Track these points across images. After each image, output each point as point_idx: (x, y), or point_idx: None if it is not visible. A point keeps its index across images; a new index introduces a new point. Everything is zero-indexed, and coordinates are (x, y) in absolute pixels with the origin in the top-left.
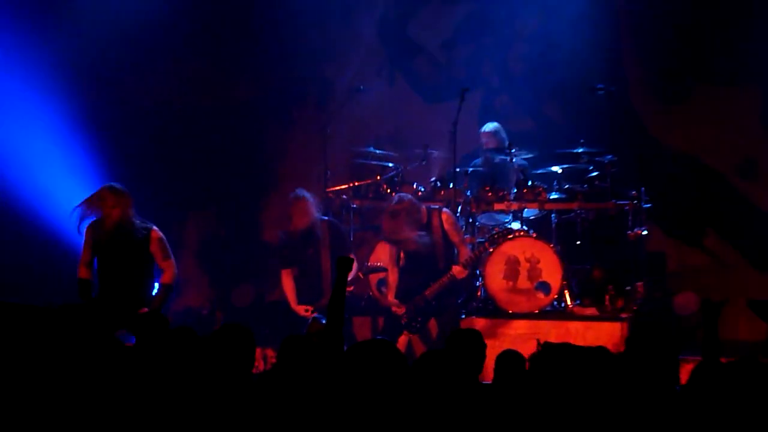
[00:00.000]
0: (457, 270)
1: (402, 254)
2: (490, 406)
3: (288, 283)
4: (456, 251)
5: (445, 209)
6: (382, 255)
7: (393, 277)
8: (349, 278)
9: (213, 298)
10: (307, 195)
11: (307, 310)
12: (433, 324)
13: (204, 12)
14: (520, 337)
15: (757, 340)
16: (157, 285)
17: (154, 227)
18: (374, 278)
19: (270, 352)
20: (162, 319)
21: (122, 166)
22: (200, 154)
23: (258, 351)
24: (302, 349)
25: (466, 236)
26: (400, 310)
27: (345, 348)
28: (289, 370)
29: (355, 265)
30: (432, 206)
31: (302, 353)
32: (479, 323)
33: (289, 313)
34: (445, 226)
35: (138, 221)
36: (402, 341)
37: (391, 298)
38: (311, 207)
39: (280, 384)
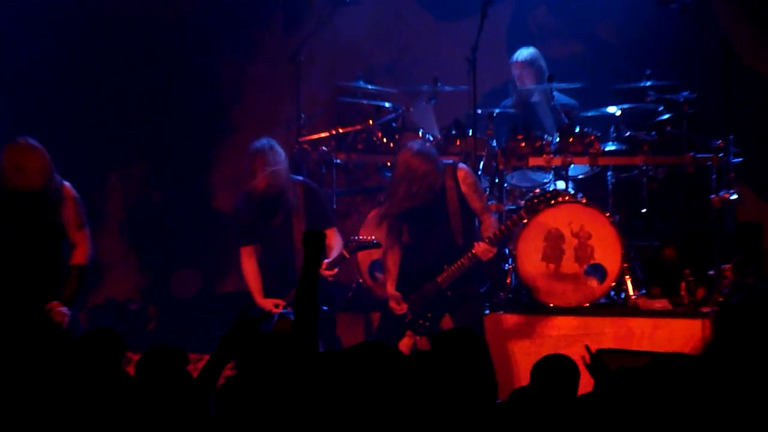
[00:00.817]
0: (480, 248)
1: (405, 227)
2: None
3: (249, 267)
4: (477, 222)
5: (461, 165)
6: (376, 229)
7: (392, 258)
8: (330, 257)
9: (144, 287)
10: (275, 145)
11: (277, 306)
12: (447, 322)
13: None
14: (564, 339)
15: None
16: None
17: (66, 182)
18: (365, 259)
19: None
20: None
21: (13, 113)
22: (125, 93)
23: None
24: (262, 351)
25: (491, 202)
26: (402, 305)
27: (322, 354)
28: (249, 379)
29: (338, 241)
30: (444, 161)
31: (262, 357)
32: (509, 321)
33: (251, 309)
34: (463, 187)
35: (53, 180)
36: (404, 345)
37: (389, 286)
38: (280, 163)
39: (238, 402)
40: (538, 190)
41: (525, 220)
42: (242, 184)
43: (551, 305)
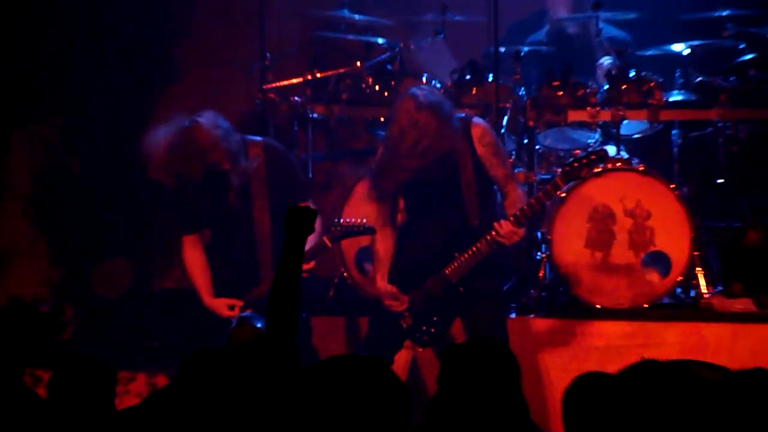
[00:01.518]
0: (502, 230)
1: (401, 201)
2: None
3: (194, 259)
4: (499, 195)
5: (477, 120)
6: (365, 205)
7: (383, 243)
8: (306, 246)
9: (58, 283)
10: (216, 119)
11: (232, 307)
12: (458, 329)
13: None
14: (614, 352)
15: None
16: None
17: None
18: (351, 247)
19: (159, 381)
20: None
21: None
22: (31, 25)
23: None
24: (220, 375)
25: (517, 170)
26: (399, 305)
27: (300, 372)
28: (198, 413)
29: (317, 224)
30: (457, 115)
31: (221, 383)
32: (541, 327)
33: (199, 311)
34: (479, 149)
35: None
36: (401, 360)
37: (379, 279)
38: (220, 127)
39: None
40: (579, 154)
41: (563, 194)
42: (185, 150)
43: (597, 306)
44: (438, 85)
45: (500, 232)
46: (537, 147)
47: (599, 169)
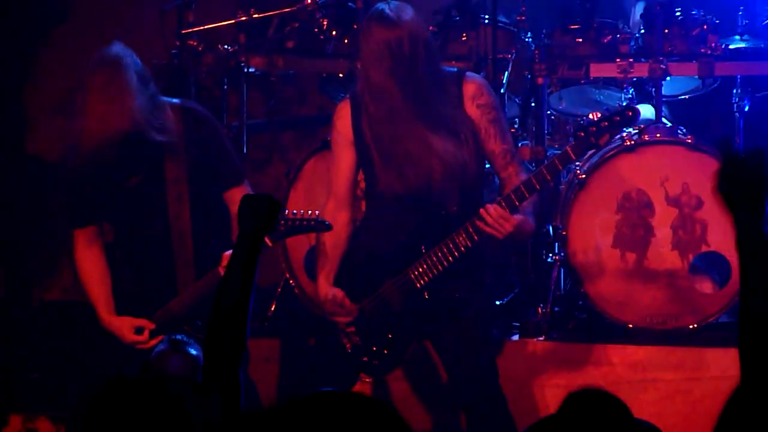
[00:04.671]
0: (489, 215)
1: (366, 187)
2: None
3: (90, 262)
4: (497, 179)
5: (472, 75)
6: (317, 189)
7: (335, 236)
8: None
9: None
10: (127, 54)
11: (140, 330)
12: (433, 355)
13: None
14: (652, 386)
15: None
16: None
17: None
18: (299, 246)
19: (41, 425)
20: None
21: None
22: None
23: None
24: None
25: (522, 144)
26: (344, 315)
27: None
28: None
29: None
30: (446, 69)
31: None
32: (553, 354)
33: (96, 332)
34: (471, 111)
35: None
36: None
37: (322, 279)
38: (132, 82)
39: None
40: (599, 115)
41: (583, 175)
42: (79, 116)
43: (629, 326)
44: None
45: (487, 219)
46: (548, 112)
47: (632, 141)
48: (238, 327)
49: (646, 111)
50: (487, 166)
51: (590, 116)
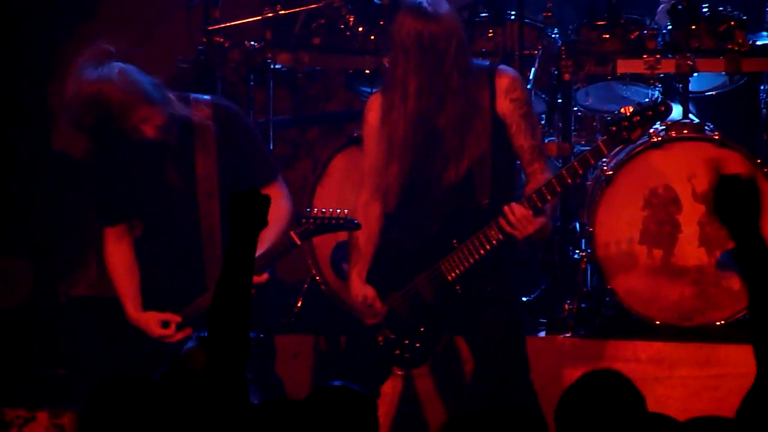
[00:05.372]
0: (513, 214)
1: (397, 180)
2: None
3: (119, 259)
4: (523, 169)
5: (506, 68)
6: (345, 186)
7: (367, 231)
8: (266, 245)
9: None
10: (128, 72)
11: (166, 324)
12: (463, 346)
13: None
14: (680, 383)
15: None
16: None
17: None
18: (326, 243)
19: (67, 421)
20: None
21: None
22: None
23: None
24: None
25: (549, 140)
26: (374, 313)
27: (254, 406)
28: None
29: (285, 209)
30: (479, 62)
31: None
32: (579, 348)
33: (123, 327)
34: (504, 105)
35: None
36: (389, 393)
37: (355, 276)
38: (146, 87)
39: None
40: (631, 109)
41: (609, 171)
42: (103, 111)
43: (656, 323)
44: None
45: (510, 219)
46: (575, 108)
47: (659, 138)
48: (234, 323)
49: (675, 108)
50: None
51: (622, 111)
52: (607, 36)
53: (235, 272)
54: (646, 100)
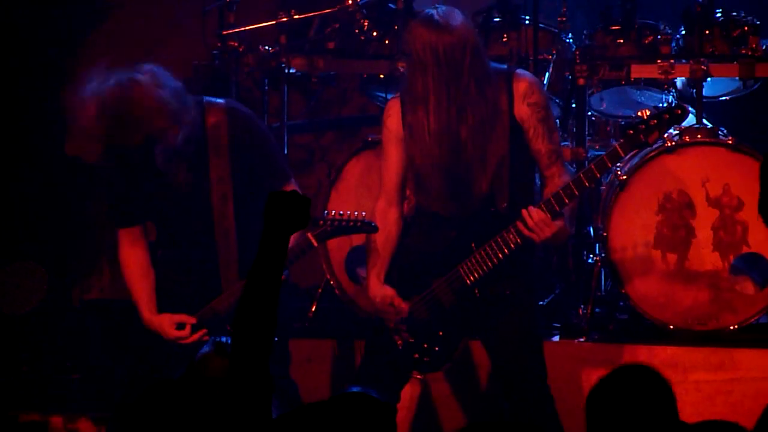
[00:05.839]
0: (531, 218)
1: (413, 184)
2: None
3: (134, 261)
4: (540, 173)
5: (523, 72)
6: (360, 190)
7: (386, 232)
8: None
9: None
10: (160, 76)
11: (181, 326)
12: (478, 351)
13: None
14: (694, 387)
15: None
16: None
17: None
18: (340, 247)
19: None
20: None
21: None
22: None
23: None
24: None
25: (563, 144)
26: (395, 314)
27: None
28: None
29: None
30: (497, 66)
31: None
32: (593, 352)
33: (137, 331)
34: (522, 109)
35: None
36: (407, 397)
37: (376, 281)
38: (166, 96)
39: None
40: (648, 113)
41: (623, 176)
42: (118, 116)
43: (670, 327)
44: None
45: (528, 222)
46: (589, 113)
47: (673, 143)
48: (262, 324)
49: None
50: None
51: (639, 114)
52: (621, 41)
53: (266, 272)
54: (663, 104)
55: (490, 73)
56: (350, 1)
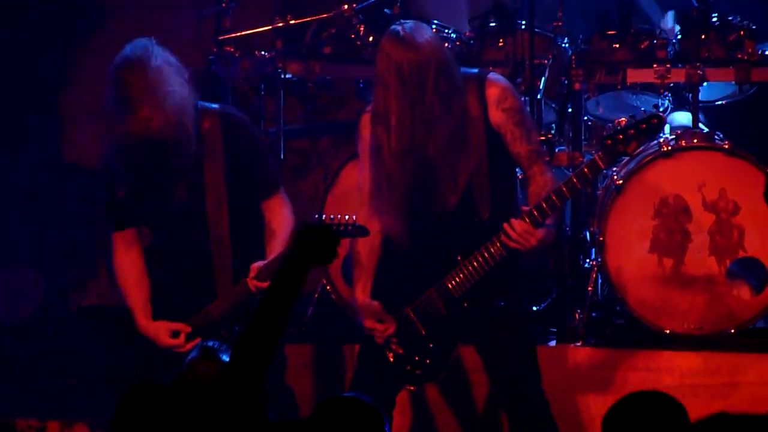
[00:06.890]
0: (514, 230)
1: (394, 208)
2: None
3: (127, 266)
4: (523, 173)
5: (494, 76)
6: (355, 195)
7: (370, 245)
8: (272, 252)
9: None
10: (159, 53)
11: (176, 333)
12: (473, 356)
13: None
14: (690, 391)
15: None
16: None
17: None
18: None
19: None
20: None
21: None
22: None
23: None
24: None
25: (559, 149)
26: (383, 329)
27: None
28: None
29: (286, 219)
30: (468, 71)
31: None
32: (590, 357)
33: (132, 337)
34: (496, 115)
35: None
36: (400, 404)
37: (359, 291)
38: (172, 83)
39: None
40: (624, 122)
41: (620, 181)
42: (115, 120)
43: (666, 332)
44: (453, 36)
45: (511, 234)
46: (585, 118)
47: (669, 147)
48: (271, 345)
49: (683, 118)
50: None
51: (615, 123)
52: (618, 45)
53: (285, 293)
54: (642, 110)
55: (459, 86)
56: (346, 6)
